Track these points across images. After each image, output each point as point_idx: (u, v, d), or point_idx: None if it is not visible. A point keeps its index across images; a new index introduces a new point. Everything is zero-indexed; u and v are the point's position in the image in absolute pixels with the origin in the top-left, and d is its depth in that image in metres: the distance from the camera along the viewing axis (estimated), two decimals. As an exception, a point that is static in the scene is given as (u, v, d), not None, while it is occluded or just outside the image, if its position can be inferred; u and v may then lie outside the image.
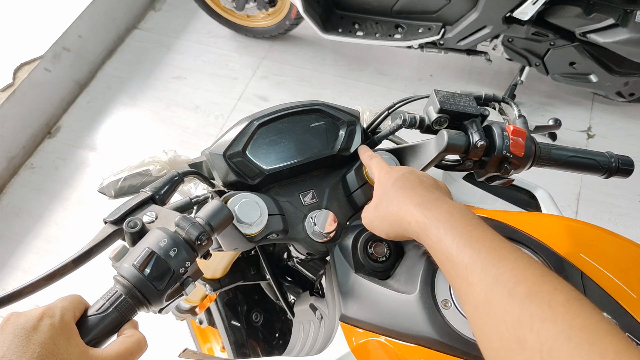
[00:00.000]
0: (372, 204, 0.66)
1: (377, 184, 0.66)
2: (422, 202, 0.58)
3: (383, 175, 0.66)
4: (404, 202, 0.59)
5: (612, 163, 0.74)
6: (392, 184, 0.63)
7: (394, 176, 0.64)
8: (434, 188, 0.62)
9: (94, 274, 1.20)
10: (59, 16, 2.51)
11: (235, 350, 1.16)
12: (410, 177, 0.63)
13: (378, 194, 0.65)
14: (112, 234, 0.60)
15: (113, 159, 2.38)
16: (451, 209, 0.55)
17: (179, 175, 0.69)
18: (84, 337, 0.50)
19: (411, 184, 0.62)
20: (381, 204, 0.63)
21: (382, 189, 0.64)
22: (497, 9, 1.93)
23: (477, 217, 0.55)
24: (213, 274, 0.95)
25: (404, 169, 0.66)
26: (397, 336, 0.59)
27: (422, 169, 0.72)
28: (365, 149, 0.75)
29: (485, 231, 0.52)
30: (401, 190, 0.61)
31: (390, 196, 0.62)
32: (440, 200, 0.58)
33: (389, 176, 0.65)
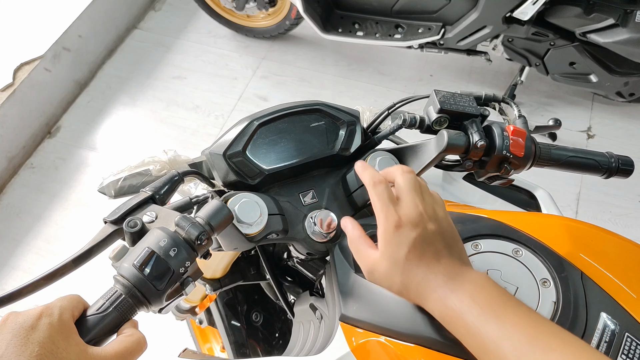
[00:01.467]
0: (379, 266, 0.56)
1: (385, 238, 0.55)
2: (443, 281, 0.52)
3: (391, 232, 0.55)
4: (420, 280, 0.53)
5: (612, 163, 0.74)
6: (406, 254, 0.54)
7: (409, 239, 0.54)
8: (451, 250, 0.55)
9: (94, 273, 1.20)
10: (59, 16, 2.51)
11: (235, 350, 1.16)
12: (422, 242, 0.54)
13: (388, 254, 0.55)
14: (112, 233, 0.60)
15: (113, 159, 2.38)
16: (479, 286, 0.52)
17: (179, 175, 0.69)
18: (83, 337, 0.50)
19: (426, 254, 0.54)
20: (391, 272, 0.55)
21: (392, 249, 0.55)
22: (497, 9, 1.93)
23: (504, 291, 0.52)
24: (213, 273, 0.95)
25: (409, 225, 0.55)
26: (397, 336, 0.59)
27: (422, 169, 0.72)
28: (365, 167, 0.62)
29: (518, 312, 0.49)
30: (415, 263, 0.54)
31: (400, 267, 0.54)
32: (463, 276, 0.53)
33: (401, 238, 0.55)
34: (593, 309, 0.57)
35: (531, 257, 0.61)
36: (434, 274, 0.54)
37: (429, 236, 0.55)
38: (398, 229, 0.55)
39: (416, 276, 0.54)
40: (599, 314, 0.56)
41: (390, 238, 0.55)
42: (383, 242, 0.56)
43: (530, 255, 0.62)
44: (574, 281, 0.59)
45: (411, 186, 0.58)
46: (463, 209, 0.77)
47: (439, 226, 0.56)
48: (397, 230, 0.55)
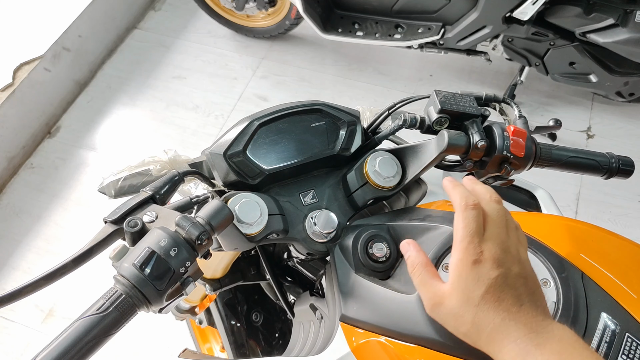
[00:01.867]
0: (447, 305, 0.51)
1: (461, 272, 0.51)
2: (524, 334, 0.47)
3: (468, 267, 0.50)
4: (495, 328, 0.48)
5: (613, 164, 0.74)
6: (482, 294, 0.49)
7: (488, 278, 0.49)
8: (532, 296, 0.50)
9: (94, 273, 1.20)
10: (59, 16, 2.51)
11: (235, 350, 1.16)
12: (502, 285, 0.49)
13: (461, 289, 0.50)
14: (112, 233, 0.60)
15: (113, 159, 2.38)
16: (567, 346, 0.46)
17: (179, 175, 0.69)
18: (85, 337, 0.51)
19: (505, 298, 0.49)
20: (464, 307, 0.50)
21: (467, 286, 0.50)
22: (497, 9, 1.93)
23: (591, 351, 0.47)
24: (213, 273, 0.95)
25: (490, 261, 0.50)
26: (397, 336, 0.59)
27: (423, 169, 0.72)
28: (455, 185, 0.57)
29: None
30: (491, 307, 0.49)
31: (473, 308, 0.49)
32: (548, 332, 0.47)
33: (479, 276, 0.50)
34: (593, 309, 0.57)
35: (531, 257, 0.61)
36: (515, 322, 0.48)
37: (512, 279, 0.50)
38: (477, 264, 0.50)
39: (493, 320, 0.48)
40: (600, 314, 0.56)
41: (467, 273, 0.50)
42: (457, 275, 0.51)
43: (531, 255, 0.61)
44: (575, 281, 0.59)
45: (501, 220, 0.53)
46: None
47: (523, 269, 0.51)
48: (475, 265, 0.50)
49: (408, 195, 0.84)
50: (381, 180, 0.73)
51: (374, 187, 0.74)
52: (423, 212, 0.73)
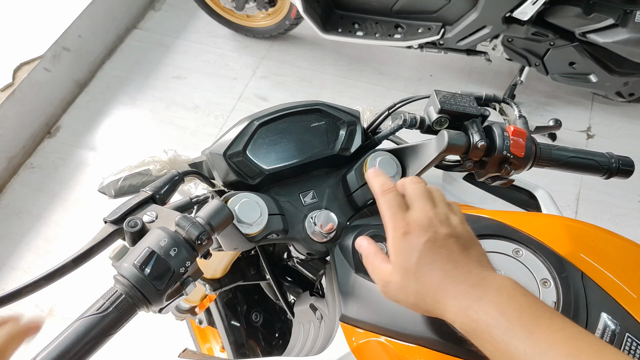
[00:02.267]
0: (392, 277, 0.53)
1: (395, 247, 0.53)
2: (464, 290, 0.48)
3: (399, 240, 0.53)
4: (438, 289, 0.50)
5: (613, 164, 0.74)
6: (412, 258, 0.52)
7: (411, 244, 0.52)
8: (467, 254, 0.52)
9: (94, 273, 1.20)
10: (58, 16, 2.51)
11: (235, 350, 1.16)
12: (434, 247, 0.51)
13: (399, 263, 0.53)
14: (112, 233, 0.60)
15: (113, 159, 2.38)
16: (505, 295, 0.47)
17: (179, 175, 0.69)
18: (85, 337, 0.51)
19: (440, 259, 0.51)
20: (405, 283, 0.52)
21: (403, 258, 0.52)
22: (497, 9, 1.93)
23: (534, 300, 0.47)
24: (213, 273, 0.95)
25: (419, 230, 0.53)
26: (397, 336, 0.59)
27: (423, 169, 0.72)
28: (376, 174, 0.60)
29: (551, 325, 0.45)
30: (429, 270, 0.51)
31: (414, 276, 0.51)
32: (486, 283, 0.48)
33: (410, 245, 0.52)
34: (593, 309, 0.57)
35: (531, 257, 0.61)
36: (452, 280, 0.50)
37: (441, 240, 0.52)
38: (406, 235, 0.53)
39: (432, 282, 0.50)
40: (600, 314, 0.56)
41: (399, 246, 0.53)
42: (393, 251, 0.53)
43: (531, 255, 0.62)
44: (575, 281, 0.59)
45: (421, 193, 0.56)
46: (463, 209, 0.77)
47: (452, 230, 0.53)
48: (405, 237, 0.53)
49: (408, 195, 0.84)
50: (381, 180, 0.73)
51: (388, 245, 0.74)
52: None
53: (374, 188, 0.59)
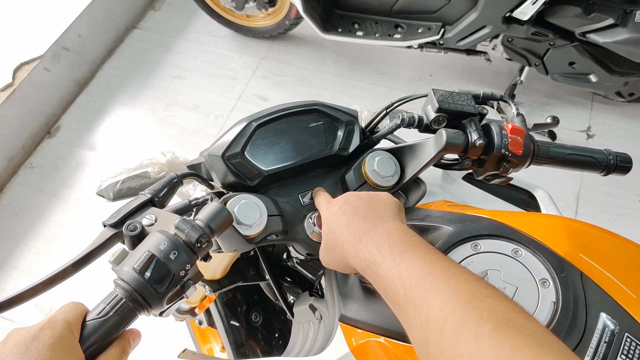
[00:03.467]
0: (322, 243, 0.64)
1: (323, 221, 0.64)
2: (358, 236, 0.56)
3: (324, 212, 0.65)
4: (344, 241, 0.57)
5: (611, 160, 0.74)
6: (331, 222, 0.61)
7: (331, 212, 0.62)
8: (372, 210, 0.59)
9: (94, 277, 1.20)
10: (58, 16, 2.51)
11: (235, 350, 1.16)
12: (345, 208, 0.60)
13: (324, 233, 0.63)
14: (111, 237, 0.60)
15: (112, 159, 2.38)
16: (385, 236, 0.53)
17: (177, 177, 0.69)
18: (84, 342, 0.51)
19: (347, 217, 0.59)
20: (328, 244, 0.61)
21: (325, 227, 0.63)
22: (497, 9, 1.93)
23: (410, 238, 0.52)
24: (213, 275, 0.95)
25: (340, 199, 0.63)
26: (396, 336, 0.59)
27: (421, 169, 0.72)
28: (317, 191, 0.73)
29: (415, 255, 0.49)
30: (340, 228, 0.59)
31: (333, 236, 0.60)
32: (375, 228, 0.55)
33: (328, 212, 0.63)
34: (593, 309, 0.57)
35: (531, 258, 0.61)
36: (351, 230, 0.57)
37: (351, 202, 0.61)
38: (329, 205, 0.64)
39: (339, 236, 0.58)
40: (599, 314, 0.56)
41: (324, 217, 0.63)
42: (323, 223, 0.64)
43: (530, 255, 0.61)
44: (574, 281, 0.59)
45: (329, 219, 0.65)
46: (463, 209, 0.77)
47: (362, 195, 0.62)
48: (327, 208, 0.64)
49: (407, 195, 0.84)
50: (380, 180, 0.73)
51: (373, 187, 0.74)
52: (422, 212, 0.73)
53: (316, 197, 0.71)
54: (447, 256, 0.50)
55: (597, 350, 0.54)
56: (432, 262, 0.48)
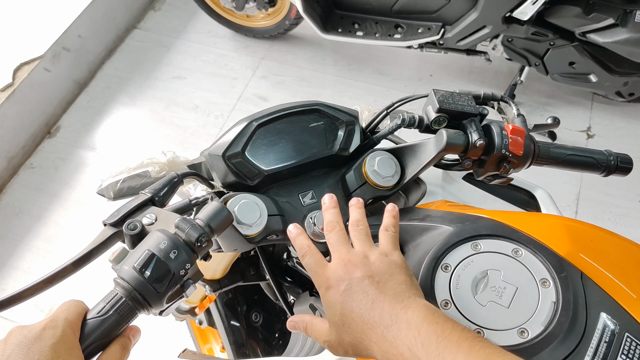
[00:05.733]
0: (332, 342, 0.54)
1: (324, 303, 0.55)
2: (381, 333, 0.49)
3: (325, 297, 0.54)
4: (363, 338, 0.50)
5: (611, 161, 0.74)
6: (339, 311, 0.52)
7: (335, 299, 0.53)
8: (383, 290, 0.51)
9: (94, 276, 1.20)
10: (58, 16, 2.51)
11: (235, 350, 1.16)
12: (352, 296, 0.52)
13: (330, 319, 0.54)
14: (111, 236, 0.61)
15: (112, 159, 2.38)
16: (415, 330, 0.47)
17: (178, 176, 0.69)
18: (84, 341, 0.51)
19: (359, 306, 0.51)
20: (338, 332, 0.53)
21: (331, 313, 0.53)
22: (497, 9, 1.93)
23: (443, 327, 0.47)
24: (213, 274, 0.95)
25: (339, 281, 0.53)
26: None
27: (422, 169, 0.72)
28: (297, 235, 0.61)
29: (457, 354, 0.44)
30: (352, 321, 0.51)
31: (346, 323, 0.52)
32: (399, 321, 0.48)
33: (331, 298, 0.53)
34: (593, 309, 0.57)
35: (531, 257, 0.61)
36: (369, 325, 0.50)
37: (356, 284, 0.52)
38: (328, 290, 0.54)
39: (357, 331, 0.51)
40: (599, 314, 0.56)
41: (326, 302, 0.54)
42: (325, 309, 0.55)
43: (530, 255, 0.62)
44: (574, 281, 0.59)
45: (335, 241, 0.58)
46: (463, 209, 0.77)
47: (367, 270, 0.53)
48: (327, 292, 0.54)
49: (407, 195, 0.84)
50: (380, 180, 0.73)
51: (373, 187, 0.74)
52: (422, 212, 0.73)
53: (296, 249, 0.60)
54: (488, 341, 0.46)
55: (597, 350, 0.54)
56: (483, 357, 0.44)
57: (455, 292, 0.59)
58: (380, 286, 0.52)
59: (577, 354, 0.54)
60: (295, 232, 0.62)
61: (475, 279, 0.60)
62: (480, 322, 0.57)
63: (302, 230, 0.63)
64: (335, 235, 0.59)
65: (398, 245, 0.59)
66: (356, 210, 0.62)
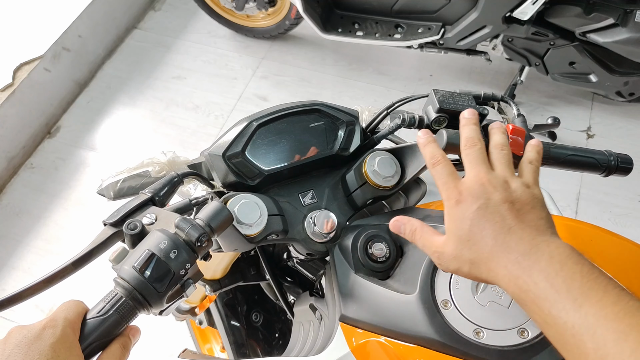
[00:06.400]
0: (447, 252, 0.52)
1: (449, 215, 0.53)
2: (515, 259, 0.47)
3: (453, 209, 0.52)
4: (489, 258, 0.49)
5: (612, 161, 0.74)
6: (469, 228, 0.50)
7: (465, 212, 0.51)
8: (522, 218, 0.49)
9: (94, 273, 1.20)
10: (58, 16, 2.51)
11: (235, 350, 1.16)
12: (487, 214, 0.50)
13: (453, 232, 0.52)
14: (111, 236, 0.61)
15: (113, 159, 2.38)
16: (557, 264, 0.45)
17: (178, 176, 0.69)
18: (84, 340, 0.51)
19: (492, 226, 0.49)
20: (459, 246, 0.51)
21: (456, 226, 0.52)
22: (497, 9, 1.93)
23: (590, 270, 0.45)
24: (213, 274, 0.95)
25: (475, 195, 0.51)
26: (397, 336, 0.59)
27: (422, 169, 0.72)
28: (426, 143, 0.59)
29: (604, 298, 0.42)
30: (482, 238, 0.49)
31: (472, 240, 0.50)
32: (538, 250, 0.46)
33: (460, 211, 0.52)
34: (593, 309, 0.57)
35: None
36: (503, 248, 0.48)
37: (493, 206, 0.50)
38: (459, 204, 0.52)
39: (484, 251, 0.49)
40: (599, 314, 0.56)
41: (452, 215, 0.52)
42: (447, 220, 0.53)
43: None
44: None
45: (474, 158, 0.55)
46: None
47: (507, 194, 0.51)
48: (457, 205, 0.52)
49: (407, 195, 0.84)
50: (380, 180, 0.73)
51: (373, 187, 0.74)
52: (422, 212, 0.73)
53: (425, 157, 0.58)
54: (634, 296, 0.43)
55: None
56: (629, 312, 0.41)
57: (455, 292, 0.59)
58: (520, 215, 0.50)
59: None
60: (425, 139, 0.59)
61: (475, 279, 0.60)
62: (480, 322, 0.57)
63: (433, 137, 0.59)
64: (476, 152, 0.55)
65: (539, 181, 0.56)
66: (501, 135, 0.59)
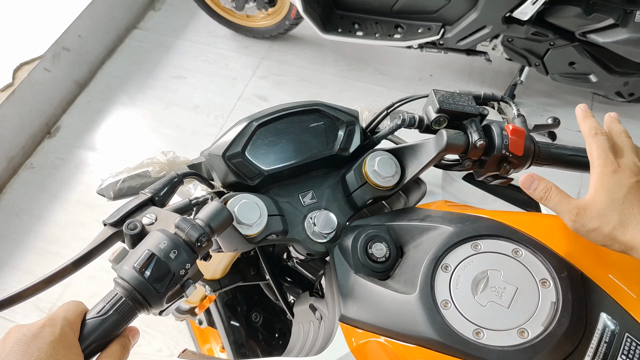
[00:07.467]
0: (592, 209, 0.58)
1: (601, 181, 0.59)
2: None
3: (609, 175, 0.58)
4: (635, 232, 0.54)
5: None
6: (625, 194, 0.57)
7: (628, 182, 0.57)
8: None
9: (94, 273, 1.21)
10: (58, 16, 2.51)
11: (235, 350, 1.16)
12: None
13: (605, 194, 0.58)
14: (111, 236, 0.61)
15: (112, 159, 2.38)
16: None
17: (178, 176, 0.69)
18: (83, 340, 0.51)
19: None
20: (609, 207, 0.57)
21: (610, 189, 0.57)
22: (497, 9, 1.93)
23: None
24: (213, 274, 0.95)
25: (637, 170, 0.58)
26: (396, 337, 0.59)
27: (422, 169, 0.72)
28: (585, 116, 0.65)
29: None
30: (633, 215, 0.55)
31: (625, 204, 0.56)
32: None
33: (620, 181, 0.58)
34: (593, 309, 0.57)
35: (531, 258, 0.61)
36: None
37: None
38: (616, 172, 0.58)
39: (634, 219, 0.56)
40: (599, 314, 0.56)
41: (607, 180, 0.58)
42: (600, 183, 0.58)
43: (530, 255, 0.62)
44: (574, 281, 0.59)
45: (631, 146, 0.62)
46: (463, 209, 0.77)
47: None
48: (615, 173, 0.58)
49: (407, 195, 0.84)
50: (380, 180, 0.73)
51: (373, 187, 0.74)
52: (422, 212, 0.73)
53: (583, 130, 0.64)
54: None
55: (597, 350, 0.54)
56: None
57: (455, 292, 0.59)
58: None
59: (577, 354, 0.54)
60: (584, 113, 0.66)
61: (475, 279, 0.60)
62: (480, 322, 0.57)
63: (590, 112, 0.66)
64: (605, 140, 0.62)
65: None
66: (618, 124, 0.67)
